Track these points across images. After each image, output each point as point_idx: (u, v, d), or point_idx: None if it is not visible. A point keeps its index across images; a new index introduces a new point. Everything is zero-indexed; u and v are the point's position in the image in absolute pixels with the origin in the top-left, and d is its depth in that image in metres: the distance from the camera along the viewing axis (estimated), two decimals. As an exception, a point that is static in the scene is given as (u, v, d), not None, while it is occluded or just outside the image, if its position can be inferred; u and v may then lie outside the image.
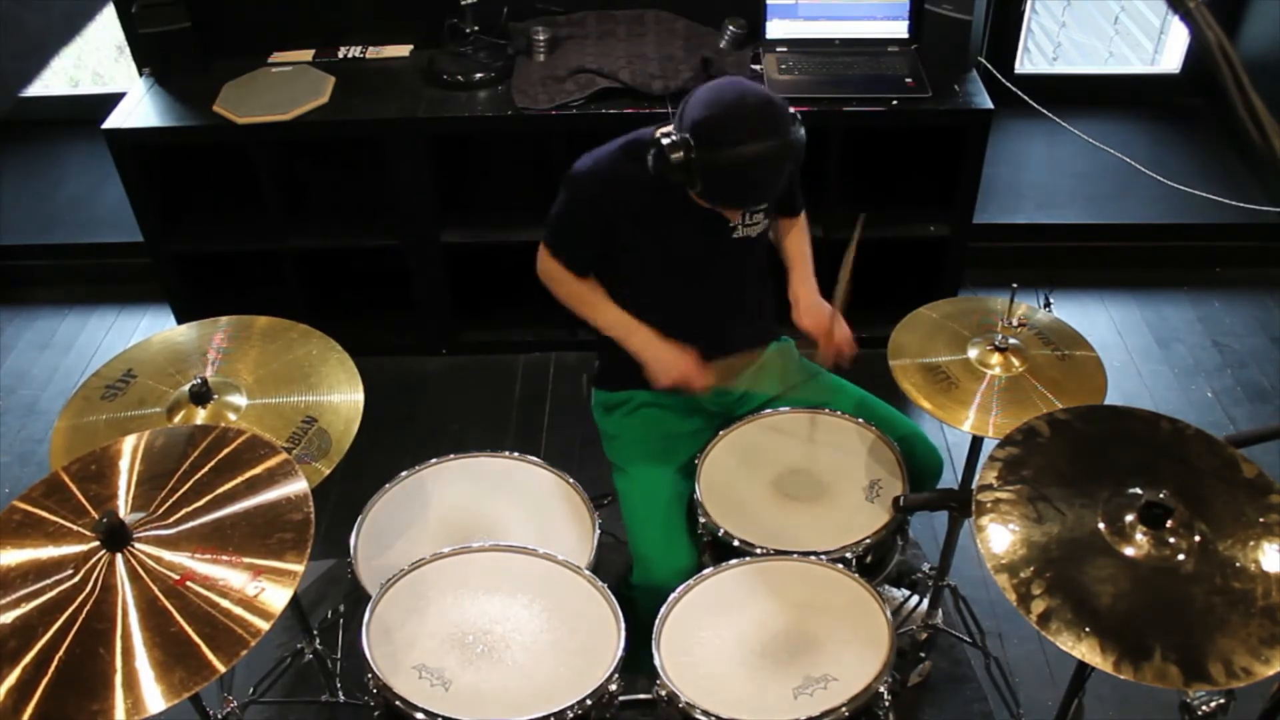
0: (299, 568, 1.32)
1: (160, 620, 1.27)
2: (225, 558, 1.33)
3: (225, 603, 1.29)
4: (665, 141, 1.69)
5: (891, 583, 2.26)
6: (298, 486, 1.42)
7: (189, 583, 1.31)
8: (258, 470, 1.44)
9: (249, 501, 1.40)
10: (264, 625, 1.27)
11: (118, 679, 1.22)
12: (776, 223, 2.05)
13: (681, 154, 1.68)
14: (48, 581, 1.31)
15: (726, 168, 1.68)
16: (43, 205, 3.53)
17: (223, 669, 1.23)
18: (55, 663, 1.23)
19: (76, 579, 1.31)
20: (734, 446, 2.00)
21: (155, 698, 1.21)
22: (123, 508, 1.40)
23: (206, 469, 1.44)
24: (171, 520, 1.37)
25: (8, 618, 1.28)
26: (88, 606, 1.28)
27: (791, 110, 1.72)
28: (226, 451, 1.47)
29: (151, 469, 1.45)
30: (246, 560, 1.33)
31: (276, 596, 1.30)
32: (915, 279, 3.05)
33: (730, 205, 1.80)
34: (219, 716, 1.89)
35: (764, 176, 1.72)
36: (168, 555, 1.33)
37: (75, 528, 1.37)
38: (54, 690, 1.22)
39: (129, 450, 1.48)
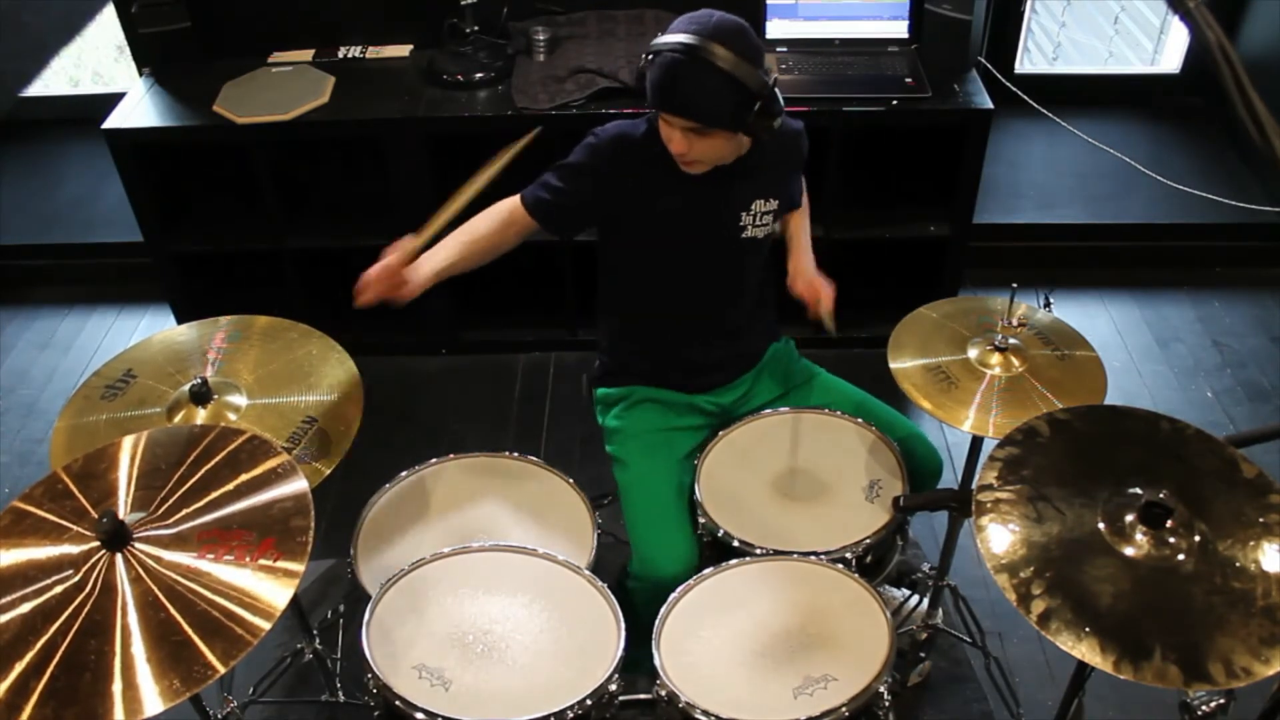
0: (299, 567, 1.32)
1: (160, 620, 1.27)
2: (226, 557, 1.33)
3: (225, 602, 1.28)
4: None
5: (891, 583, 2.26)
6: (298, 486, 1.42)
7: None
8: (258, 470, 1.44)
9: (249, 501, 1.40)
10: (264, 625, 1.27)
11: (117, 679, 1.22)
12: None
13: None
14: (47, 581, 1.31)
15: (653, 57, 1.70)
16: (43, 205, 3.53)
17: (222, 669, 1.23)
18: (54, 663, 1.23)
19: (76, 579, 1.30)
20: (734, 446, 2.00)
21: (154, 698, 1.20)
22: (123, 508, 1.40)
23: (206, 469, 1.44)
24: (172, 520, 1.37)
25: (6, 618, 1.28)
26: (87, 607, 1.28)
27: (763, 58, 1.69)
28: (226, 451, 1.46)
29: (151, 469, 1.45)
30: (247, 560, 1.33)
31: (277, 596, 1.30)
32: (915, 279, 3.05)
33: (655, 102, 1.75)
34: (219, 716, 1.89)
35: (679, 73, 1.67)
36: (168, 555, 1.33)
37: (75, 528, 1.37)
38: (52, 690, 1.21)
39: (129, 450, 1.48)
